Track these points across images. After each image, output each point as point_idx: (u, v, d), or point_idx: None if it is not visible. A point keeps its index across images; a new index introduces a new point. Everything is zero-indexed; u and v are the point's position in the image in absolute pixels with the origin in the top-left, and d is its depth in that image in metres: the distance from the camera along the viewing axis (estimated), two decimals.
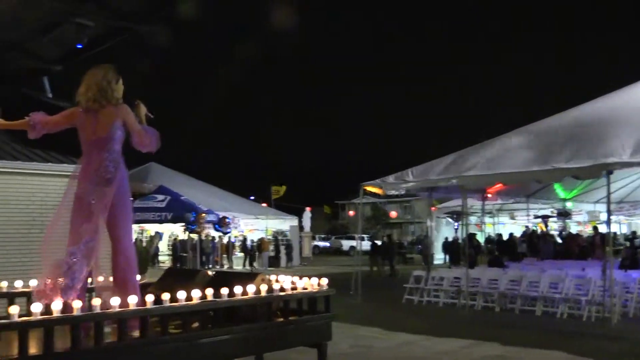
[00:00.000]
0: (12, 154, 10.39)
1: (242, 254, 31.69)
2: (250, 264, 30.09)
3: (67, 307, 3.34)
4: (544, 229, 24.02)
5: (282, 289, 4.40)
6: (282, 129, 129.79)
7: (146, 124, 4.45)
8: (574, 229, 25.48)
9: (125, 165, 4.37)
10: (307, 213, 35.85)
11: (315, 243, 46.54)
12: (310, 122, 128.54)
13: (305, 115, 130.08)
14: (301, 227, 34.96)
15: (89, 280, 4.28)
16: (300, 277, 4.70)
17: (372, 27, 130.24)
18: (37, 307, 3.25)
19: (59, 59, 6.88)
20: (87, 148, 4.26)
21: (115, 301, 3.48)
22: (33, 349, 3.20)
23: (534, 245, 20.80)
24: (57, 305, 3.32)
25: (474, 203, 18.47)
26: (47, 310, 3.30)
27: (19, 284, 4.73)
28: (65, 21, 5.78)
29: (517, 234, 24.24)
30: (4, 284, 4.72)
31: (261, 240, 30.72)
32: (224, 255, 30.39)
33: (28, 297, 4.59)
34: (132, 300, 3.58)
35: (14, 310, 3.16)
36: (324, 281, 4.64)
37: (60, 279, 3.93)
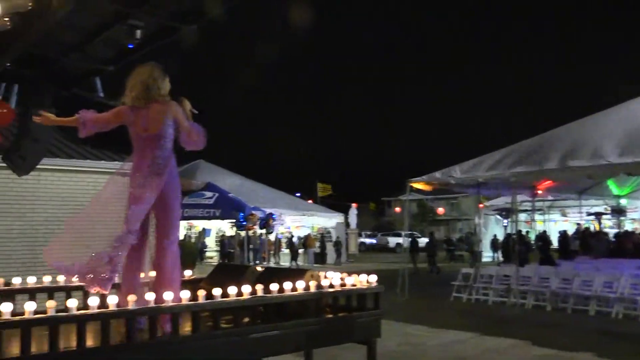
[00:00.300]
0: (67, 152, 10.71)
1: (288, 251, 31.89)
2: (293, 260, 30.22)
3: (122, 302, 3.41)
4: (598, 227, 23.36)
5: (331, 286, 4.39)
6: (328, 126, 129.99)
7: (191, 120, 4.44)
8: (628, 226, 24.69)
9: (176, 163, 4.39)
10: (353, 210, 35.84)
11: (362, 240, 46.44)
12: (357, 118, 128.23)
13: (352, 111, 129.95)
14: (347, 224, 34.94)
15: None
16: (349, 274, 4.68)
17: (417, 19, 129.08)
18: (93, 301, 3.33)
19: (111, 60, 7.01)
20: (139, 145, 4.28)
21: (168, 296, 3.54)
22: (90, 342, 3.28)
23: (587, 243, 20.23)
24: (112, 300, 3.39)
25: (523, 200, 18.11)
26: (103, 304, 3.38)
27: (75, 279, 4.84)
28: (118, 22, 5.89)
29: (570, 231, 23.63)
30: (60, 278, 4.84)
31: (307, 236, 30.83)
32: (271, 252, 30.61)
33: (85, 290, 4.71)
34: (185, 295, 3.63)
35: (72, 303, 3.25)
36: (373, 278, 4.61)
37: (98, 270, 3.97)
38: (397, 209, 62.19)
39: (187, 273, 5.23)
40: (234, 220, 24.01)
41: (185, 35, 6.40)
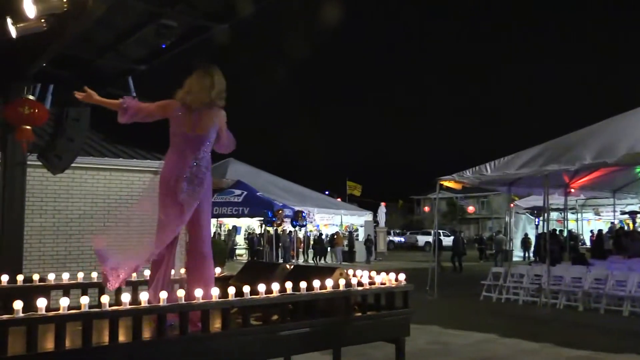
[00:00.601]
0: (100, 150, 10.90)
1: (314, 249, 31.94)
2: (321, 259, 30.26)
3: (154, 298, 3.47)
4: (632, 226, 22.91)
5: (360, 284, 4.40)
6: (358, 124, 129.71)
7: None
8: None
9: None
10: (382, 208, 35.67)
11: (390, 238, 46.26)
12: (387, 116, 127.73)
13: (383, 109, 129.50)
14: (376, 222, 34.85)
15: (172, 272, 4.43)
16: (378, 273, 4.68)
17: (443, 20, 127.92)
18: (126, 297, 3.39)
19: (144, 59, 7.12)
20: (182, 142, 4.24)
21: (199, 293, 3.58)
22: (122, 337, 3.34)
23: (621, 242, 19.84)
24: (143, 297, 3.45)
25: (555, 198, 17.85)
26: (135, 300, 3.44)
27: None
28: (151, 22, 5.98)
29: (603, 230, 23.21)
30: (94, 275, 4.94)
31: (335, 234, 30.84)
32: (300, 250, 30.70)
33: (100, 288, 4.80)
34: (215, 292, 3.68)
35: (105, 299, 3.31)
36: (402, 276, 4.60)
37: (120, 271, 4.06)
38: (426, 208, 61.89)
39: (217, 271, 5.29)
40: (263, 218, 24.15)
41: (217, 34, 6.47)
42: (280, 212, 22.95)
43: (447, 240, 39.55)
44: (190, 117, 4.22)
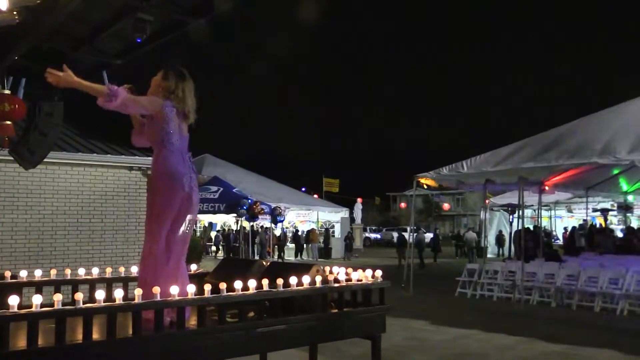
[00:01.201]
0: (74, 145, 10.75)
1: (293, 245, 31.96)
2: (296, 255, 30.29)
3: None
4: (604, 223, 23.31)
5: (336, 280, 4.40)
6: (334, 120, 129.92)
7: None
8: (634, 222, 24.65)
9: None
10: (358, 205, 35.84)
11: (367, 235, 46.46)
12: (361, 113, 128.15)
13: (358, 105, 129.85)
14: (352, 219, 34.97)
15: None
16: (355, 269, 4.69)
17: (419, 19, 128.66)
18: (100, 295, 3.35)
19: (120, 53, 7.03)
20: (178, 141, 4.24)
21: (174, 290, 3.55)
22: (96, 335, 3.29)
23: (593, 239, 20.19)
24: (118, 294, 3.41)
25: (530, 196, 18.06)
26: (110, 298, 3.40)
27: (81, 272, 4.88)
28: (127, 16, 5.90)
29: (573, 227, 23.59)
30: (67, 271, 4.87)
31: (311, 231, 30.88)
32: (276, 246, 30.69)
33: (91, 284, 4.74)
34: (191, 289, 3.66)
35: (79, 296, 3.27)
36: (379, 273, 4.62)
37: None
38: (403, 204, 62.30)
39: (193, 267, 5.26)
40: (237, 215, 24.06)
41: (195, 30, 6.41)
42: (256, 205, 22.86)
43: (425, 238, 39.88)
44: (180, 119, 4.27)
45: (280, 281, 4.00)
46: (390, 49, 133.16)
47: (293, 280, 4.06)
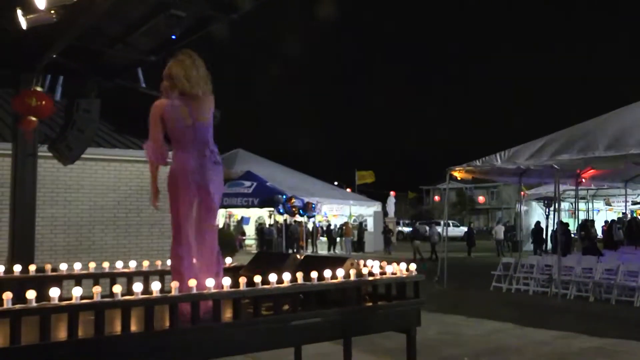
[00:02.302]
0: (110, 142, 10.93)
1: (326, 239, 32.00)
2: (329, 249, 30.31)
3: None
4: None
5: (370, 274, 4.39)
6: (367, 114, 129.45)
7: None
8: None
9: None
10: (391, 198, 35.67)
11: (400, 229, 46.21)
12: (397, 106, 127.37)
13: (392, 99, 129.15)
14: (385, 213, 34.83)
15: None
16: (389, 263, 4.67)
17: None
18: (137, 287, 3.40)
19: (154, 50, 7.12)
20: (183, 136, 4.15)
21: (210, 283, 3.59)
22: (134, 327, 3.35)
23: (633, 232, 19.73)
24: (156, 286, 3.46)
25: (566, 188, 17.75)
26: (147, 290, 3.46)
27: (119, 265, 4.97)
28: (160, 13, 5.97)
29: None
30: (106, 264, 4.96)
31: (345, 225, 30.87)
32: (309, 240, 30.78)
33: (128, 277, 4.82)
34: (226, 282, 3.69)
35: (117, 289, 3.33)
36: (413, 266, 4.59)
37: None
38: (436, 198, 61.77)
39: (227, 261, 5.30)
40: (273, 209, 24.20)
41: (219, 28, 6.46)
42: (291, 201, 22.98)
43: (457, 231, 39.60)
44: (187, 106, 4.06)
45: (314, 274, 4.00)
46: (422, 39, 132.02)
47: (327, 273, 4.07)
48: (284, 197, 22.92)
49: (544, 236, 22.02)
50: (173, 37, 6.38)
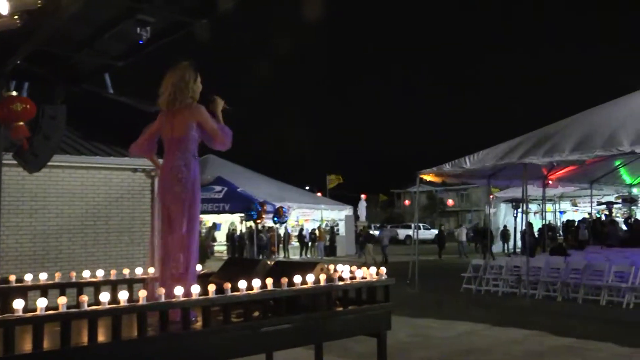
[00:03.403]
0: (77, 148, 10.77)
1: (298, 244, 31.96)
2: (302, 254, 30.31)
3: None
4: (611, 216, 23.27)
5: (340, 279, 4.40)
6: (337, 118, 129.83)
7: (222, 120, 4.51)
8: (639, 215, 24.58)
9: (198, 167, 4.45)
10: (363, 202, 35.80)
11: (371, 232, 46.32)
12: (366, 110, 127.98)
13: (361, 103, 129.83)
14: (356, 217, 34.93)
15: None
16: (359, 267, 4.69)
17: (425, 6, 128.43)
18: (104, 297, 3.35)
19: (121, 55, 7.03)
20: (166, 146, 4.35)
21: (179, 291, 3.56)
22: (101, 337, 3.30)
23: (598, 232, 20.14)
24: (123, 296, 3.42)
25: (534, 190, 18.04)
26: (115, 300, 3.42)
27: (86, 274, 4.89)
28: (128, 17, 5.90)
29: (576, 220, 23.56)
30: (73, 273, 4.88)
31: (317, 229, 30.88)
32: (280, 246, 30.70)
33: (96, 286, 4.75)
34: (195, 290, 3.66)
35: (84, 298, 3.27)
36: (383, 270, 4.62)
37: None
38: (407, 201, 62.20)
39: (198, 268, 5.26)
40: (244, 215, 24.08)
41: (198, 30, 6.42)
42: (263, 206, 22.91)
43: (428, 234, 39.93)
44: (168, 120, 4.31)
45: (284, 280, 4.00)
46: (395, 46, 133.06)
47: (297, 279, 4.06)
48: (256, 202, 22.85)
49: (513, 237, 22.37)
50: (140, 42, 6.32)
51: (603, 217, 23.29)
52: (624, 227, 21.47)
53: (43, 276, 4.70)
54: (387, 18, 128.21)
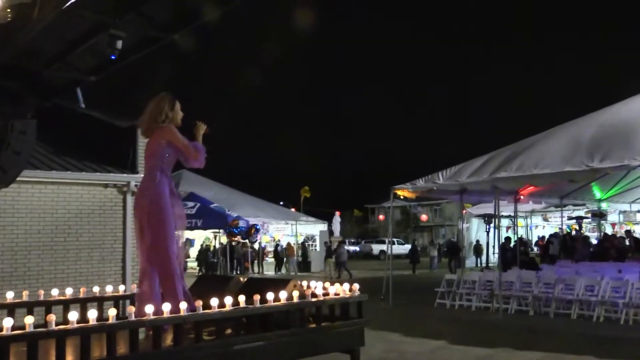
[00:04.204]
0: (47, 164, 10.60)
1: (273, 260, 31.82)
2: (276, 270, 30.20)
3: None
4: (582, 231, 23.64)
5: (313, 295, 4.39)
6: (311, 133, 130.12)
7: (201, 142, 4.76)
8: (608, 230, 25.01)
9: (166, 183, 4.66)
10: (337, 217, 35.79)
11: (346, 247, 46.36)
12: (341, 125, 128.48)
13: (335, 118, 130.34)
14: (331, 232, 34.92)
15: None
16: (333, 283, 4.69)
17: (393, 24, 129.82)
18: (73, 316, 3.30)
19: (93, 70, 6.98)
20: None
21: (149, 309, 3.52)
22: (70, 357, 3.24)
23: (568, 247, 20.41)
24: (92, 314, 3.37)
25: (506, 205, 18.25)
26: (84, 319, 3.36)
27: (55, 292, 4.81)
28: (100, 32, 5.87)
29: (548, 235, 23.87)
30: (41, 292, 4.80)
31: (287, 245, 30.78)
32: (255, 262, 30.52)
33: (65, 304, 4.67)
34: (166, 307, 3.62)
35: (52, 317, 3.21)
36: (356, 286, 4.62)
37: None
38: (381, 217, 62.41)
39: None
40: (218, 230, 23.92)
41: (181, 41, 6.41)
42: (235, 222, 22.78)
43: (402, 249, 40.11)
44: (147, 144, 4.75)
45: (257, 297, 3.98)
46: (369, 57, 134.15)
47: (270, 296, 4.04)
48: (229, 219, 22.71)
49: (485, 252, 22.57)
50: (113, 57, 6.28)
51: (573, 232, 23.63)
52: (595, 242, 21.82)
53: (10, 295, 4.61)
54: (366, 35, 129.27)
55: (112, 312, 3.40)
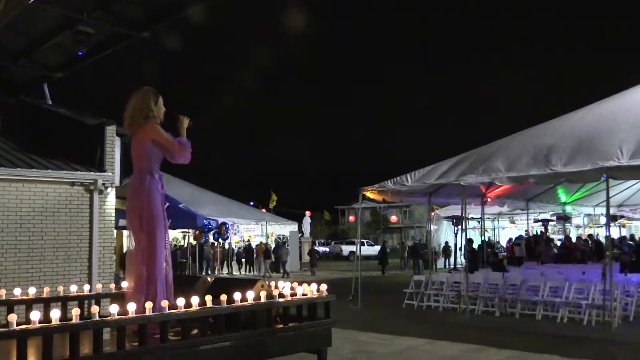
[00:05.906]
0: (12, 161, 10.39)
1: (244, 260, 31.65)
2: (247, 270, 30.08)
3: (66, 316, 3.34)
4: (547, 233, 24.04)
5: (281, 295, 4.39)
6: (282, 134, 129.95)
7: (186, 136, 4.72)
8: (573, 232, 25.51)
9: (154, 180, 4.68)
10: (307, 218, 35.85)
11: (315, 248, 46.40)
12: (311, 126, 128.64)
13: (306, 119, 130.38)
14: (301, 232, 34.94)
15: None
16: (300, 283, 4.69)
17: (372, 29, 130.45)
18: (35, 315, 3.24)
19: (60, 66, 6.89)
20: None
21: (114, 309, 3.48)
22: (32, 358, 3.19)
23: (533, 249, 20.77)
24: (55, 314, 3.31)
25: (473, 208, 18.47)
26: (47, 319, 3.30)
27: (17, 292, 4.71)
28: (67, 28, 5.80)
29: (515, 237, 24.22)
30: (2, 291, 4.70)
31: (257, 246, 30.66)
32: (224, 262, 30.32)
33: (27, 304, 4.58)
34: (131, 307, 3.58)
35: (13, 317, 3.15)
36: (324, 287, 4.63)
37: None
38: (351, 218, 62.61)
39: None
40: (187, 230, 23.72)
41: (153, 42, 6.36)
42: (223, 228, 22.75)
43: (372, 250, 40.31)
44: (132, 142, 4.68)
45: (224, 297, 3.96)
46: (345, 60, 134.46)
47: (237, 296, 4.03)
48: (204, 220, 22.54)
49: (453, 253, 22.82)
50: (79, 53, 6.21)
51: (539, 233, 24.03)
52: (559, 244, 22.21)
53: None
54: (336, 36, 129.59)
55: (75, 312, 3.35)
